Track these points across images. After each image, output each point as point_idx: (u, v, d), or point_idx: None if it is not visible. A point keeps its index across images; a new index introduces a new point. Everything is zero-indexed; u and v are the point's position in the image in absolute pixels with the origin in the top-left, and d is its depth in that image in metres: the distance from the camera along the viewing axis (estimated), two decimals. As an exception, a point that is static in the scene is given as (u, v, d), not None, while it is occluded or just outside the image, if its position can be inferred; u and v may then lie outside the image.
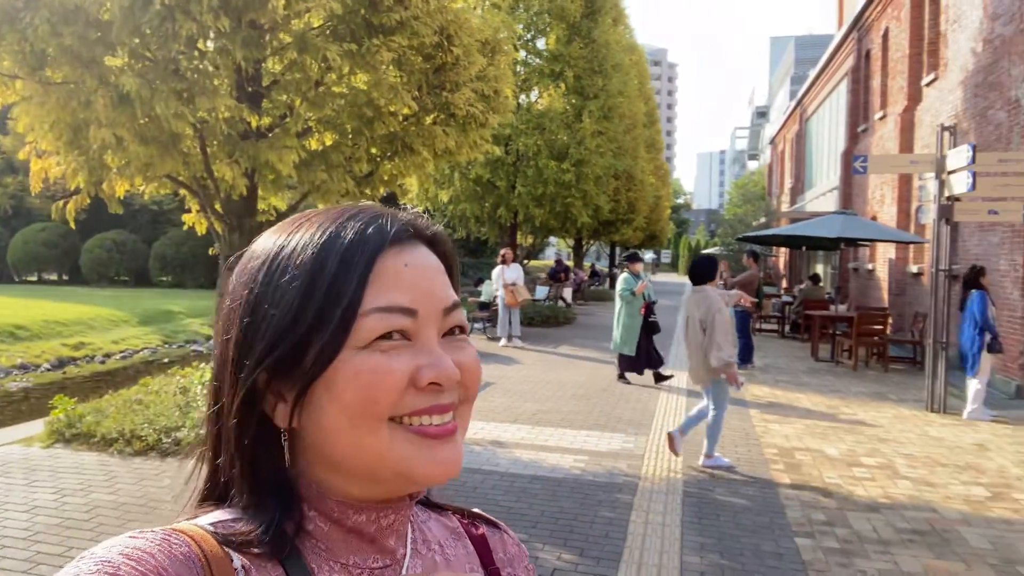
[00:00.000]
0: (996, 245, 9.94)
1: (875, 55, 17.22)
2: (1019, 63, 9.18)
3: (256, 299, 0.60)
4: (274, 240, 0.63)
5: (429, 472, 0.59)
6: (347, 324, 0.58)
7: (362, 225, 0.61)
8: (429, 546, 0.69)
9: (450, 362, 0.60)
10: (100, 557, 0.53)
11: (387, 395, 0.57)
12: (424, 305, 0.60)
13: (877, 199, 16.50)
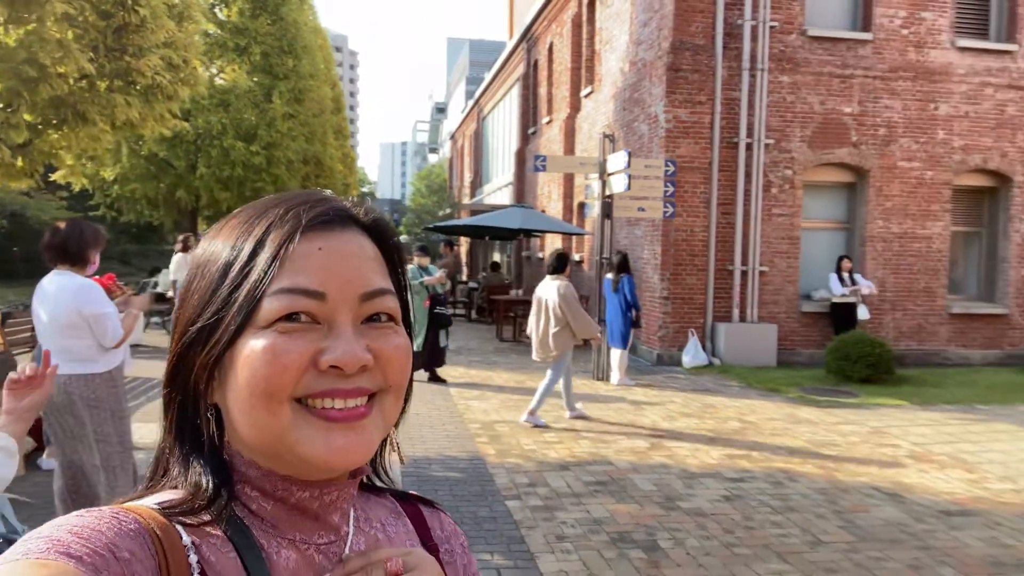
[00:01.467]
0: (640, 237, 11.81)
1: (542, 65, 19.15)
2: (658, 84, 10.99)
3: (189, 279, 0.65)
4: (216, 226, 0.67)
5: (324, 456, 0.59)
6: (250, 303, 0.59)
7: (282, 212, 0.62)
8: (371, 524, 0.71)
9: (355, 346, 0.59)
10: (48, 535, 0.51)
11: (279, 375, 0.58)
12: (335, 289, 0.60)
13: (546, 194, 18.43)
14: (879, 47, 11.08)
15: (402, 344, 0.64)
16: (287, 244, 0.60)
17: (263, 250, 0.60)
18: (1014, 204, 11.50)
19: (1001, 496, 5.26)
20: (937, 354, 11.41)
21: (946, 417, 7.79)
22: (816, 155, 11.03)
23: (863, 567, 4.00)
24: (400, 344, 0.63)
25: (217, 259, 0.63)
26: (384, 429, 0.63)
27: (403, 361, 0.63)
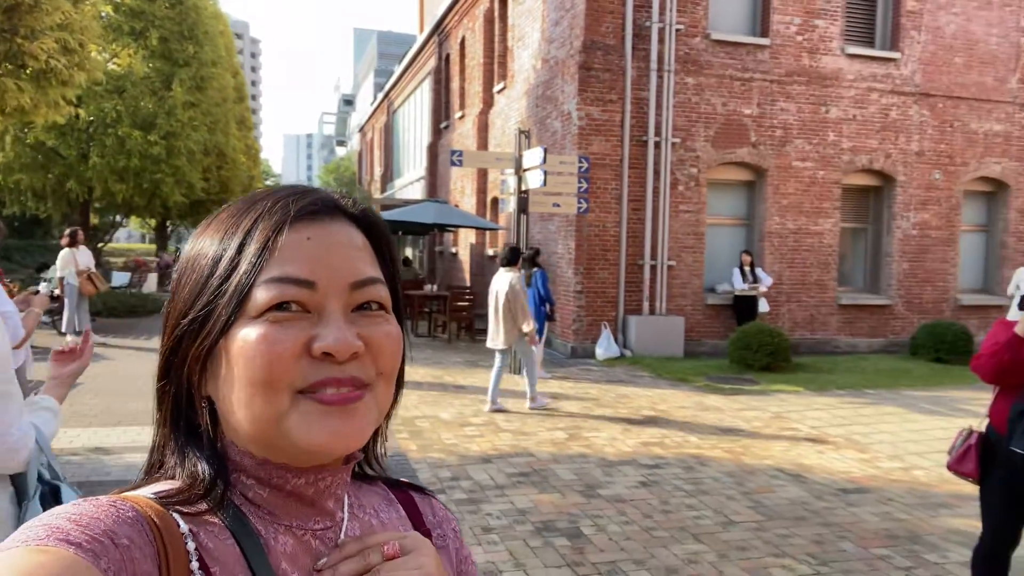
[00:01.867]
0: (554, 232, 12.00)
1: (454, 60, 19.11)
2: (571, 82, 11.19)
3: (180, 272, 0.65)
4: (208, 220, 0.67)
5: (320, 440, 0.59)
6: (240, 293, 0.60)
7: (270, 204, 0.63)
8: (365, 511, 0.72)
9: (346, 333, 0.60)
10: (46, 523, 0.52)
11: (274, 363, 0.58)
12: (325, 277, 0.61)
13: (459, 189, 18.42)
14: (776, 52, 11.66)
15: (393, 332, 0.64)
16: (276, 234, 0.61)
17: (252, 241, 0.61)
18: (896, 202, 12.37)
19: (891, 474, 5.69)
20: (828, 342, 12.16)
21: (839, 401, 8.34)
22: (719, 154, 11.52)
23: (771, 544, 4.25)
24: (391, 332, 0.64)
25: (206, 252, 0.63)
26: (378, 415, 0.64)
27: (394, 349, 0.64)
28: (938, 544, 4.30)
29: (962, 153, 12.58)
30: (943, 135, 12.46)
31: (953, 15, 12.35)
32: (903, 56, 12.18)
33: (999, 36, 12.58)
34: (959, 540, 4.36)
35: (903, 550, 4.21)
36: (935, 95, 12.36)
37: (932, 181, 12.49)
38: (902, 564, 4.01)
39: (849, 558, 4.08)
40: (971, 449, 3.16)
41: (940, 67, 12.36)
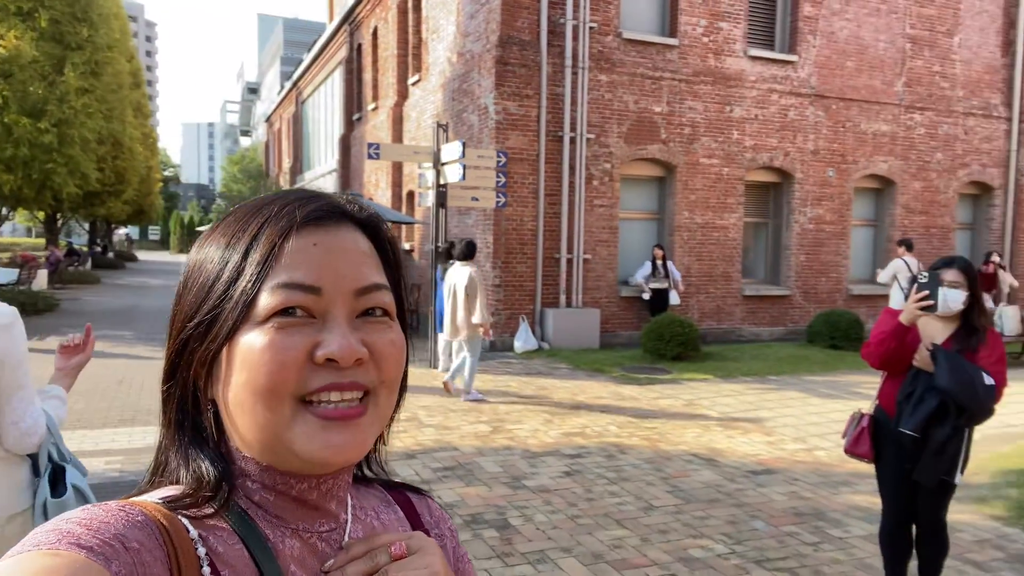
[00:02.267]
0: (472, 226, 12.03)
1: (366, 50, 18.79)
2: (487, 76, 11.22)
3: (186, 275, 0.66)
4: (215, 223, 0.68)
5: (321, 454, 0.60)
6: (246, 299, 0.60)
7: (277, 209, 0.63)
8: (366, 512, 0.74)
9: (350, 339, 0.60)
10: (56, 528, 0.52)
11: (279, 372, 0.59)
12: (331, 283, 0.61)
13: (373, 182, 18.16)
14: (684, 52, 12.07)
15: (396, 339, 0.65)
16: (282, 240, 0.61)
17: (258, 246, 0.61)
18: (795, 198, 13.06)
19: (796, 455, 6.04)
20: (733, 332, 12.73)
21: (745, 388, 8.76)
22: (631, 150, 11.83)
23: (690, 526, 4.45)
24: (394, 339, 0.64)
25: (213, 256, 0.64)
26: (379, 425, 0.64)
27: (397, 356, 0.65)
28: (841, 520, 4.61)
29: (853, 152, 13.39)
30: (836, 135, 13.23)
31: (846, 21, 13.12)
32: (800, 59, 12.85)
33: (886, 42, 13.45)
34: (860, 515, 4.69)
35: (809, 527, 4.49)
36: (829, 97, 13.10)
37: (826, 178, 13.24)
38: (809, 540, 4.29)
39: (761, 536, 4.32)
40: (864, 432, 3.36)
41: (834, 70, 13.11)
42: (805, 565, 3.94)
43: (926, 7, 13.66)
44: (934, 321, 3.19)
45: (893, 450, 3.27)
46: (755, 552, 4.09)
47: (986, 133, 14.48)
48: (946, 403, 3.05)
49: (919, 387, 3.13)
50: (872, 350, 3.27)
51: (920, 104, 13.79)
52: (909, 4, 13.51)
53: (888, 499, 3.40)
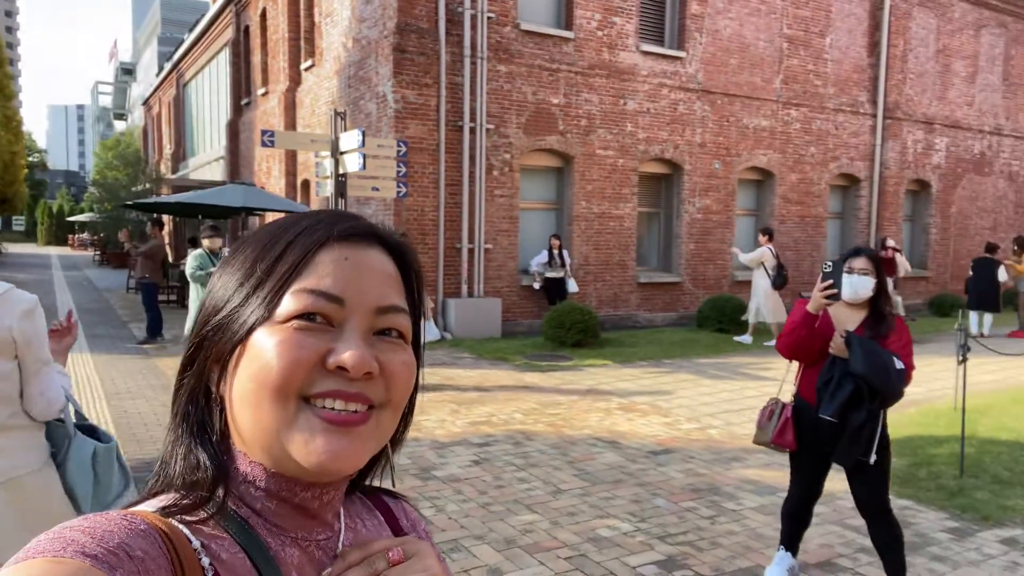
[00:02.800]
0: (371, 216, 11.84)
1: (255, 32, 18.04)
2: (385, 63, 11.05)
3: (219, 272, 0.68)
4: (246, 234, 0.72)
5: (316, 458, 0.60)
6: (271, 299, 0.62)
7: (314, 222, 0.67)
8: (354, 519, 0.75)
9: (364, 352, 0.61)
10: (61, 536, 0.53)
11: (290, 369, 0.60)
12: (354, 297, 0.63)
13: (265, 171, 17.52)
14: (579, 45, 12.32)
15: (409, 361, 0.66)
16: (316, 250, 0.64)
17: (291, 252, 0.64)
18: (685, 188, 13.63)
19: (691, 435, 6.36)
20: (629, 318, 13.19)
21: (642, 372, 9.11)
22: (530, 141, 11.99)
23: (597, 507, 4.61)
24: (407, 361, 0.66)
25: (248, 255, 0.66)
26: (379, 443, 0.65)
27: (407, 378, 0.66)
28: (734, 493, 4.91)
29: (736, 145, 14.11)
30: (721, 129, 13.90)
31: (729, 19, 13.77)
32: (688, 55, 13.39)
33: (766, 41, 14.23)
34: (751, 488, 5.00)
35: (706, 501, 4.75)
36: (714, 92, 13.73)
37: (713, 170, 13.90)
38: (706, 514, 4.54)
39: (663, 513, 4.54)
40: (788, 422, 3.43)
41: (718, 67, 13.75)
42: (703, 538, 4.18)
43: (801, 9, 14.53)
44: (845, 309, 3.31)
45: (812, 436, 3.36)
46: (658, 528, 4.29)
47: (854, 128, 15.60)
48: (861, 388, 3.16)
49: (836, 373, 3.24)
50: (784, 340, 3.36)
51: (796, 101, 14.68)
52: (786, 5, 14.33)
53: (799, 480, 3.51)
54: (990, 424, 6.58)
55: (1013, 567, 3.87)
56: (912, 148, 16.58)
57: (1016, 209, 18.91)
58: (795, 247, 15.06)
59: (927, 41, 16.62)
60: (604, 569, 3.76)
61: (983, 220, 18.26)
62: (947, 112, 17.17)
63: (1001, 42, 17.93)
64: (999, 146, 18.29)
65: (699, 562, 3.86)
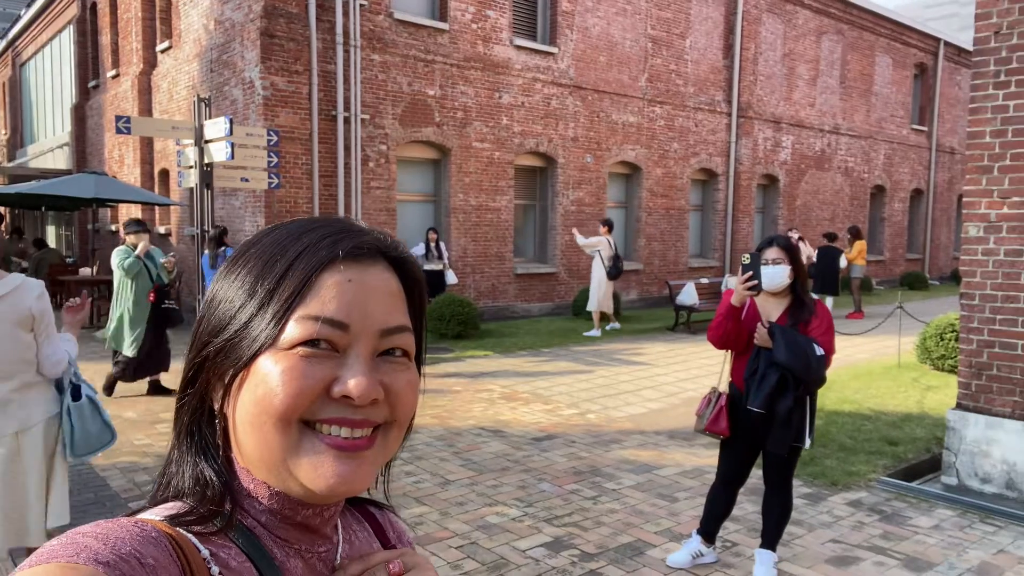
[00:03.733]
0: (239, 208, 11.34)
1: (103, 10, 16.71)
2: (252, 48, 10.58)
3: (218, 289, 0.66)
4: (247, 242, 0.68)
5: (324, 483, 0.61)
6: (275, 324, 0.61)
7: (318, 238, 0.65)
8: (347, 531, 0.76)
9: (368, 379, 0.61)
10: (73, 542, 0.53)
11: (295, 398, 0.60)
12: (358, 321, 0.62)
13: (117, 159, 16.30)
14: (454, 37, 12.33)
15: (413, 380, 0.66)
16: (318, 272, 0.62)
17: (294, 274, 0.62)
18: (559, 181, 13.98)
19: (571, 420, 6.58)
20: (507, 308, 13.40)
21: (523, 361, 9.31)
22: (407, 132, 11.88)
23: (485, 495, 4.69)
24: (412, 380, 0.66)
25: (247, 278, 0.64)
26: (383, 459, 0.66)
27: (412, 398, 0.66)
28: (614, 474, 5.15)
29: (607, 140, 14.64)
30: (592, 124, 14.36)
31: (598, 18, 14.22)
32: (560, 51, 13.72)
33: (632, 40, 14.82)
34: (629, 468, 5.26)
35: (588, 483, 4.95)
36: (585, 88, 14.16)
37: (585, 164, 14.35)
38: (589, 495, 4.74)
39: (548, 497, 4.69)
40: (722, 411, 3.53)
41: (589, 64, 14.18)
42: (588, 518, 4.36)
43: (663, 10, 15.25)
44: (769, 298, 3.43)
45: (745, 424, 3.48)
46: (545, 512, 4.43)
47: (712, 126, 16.58)
48: (786, 376, 3.29)
49: (761, 364, 3.35)
50: (713, 332, 3.45)
51: (660, 98, 15.41)
52: (650, 7, 14.98)
53: (727, 466, 3.64)
54: (834, 398, 7.25)
55: (859, 526, 4.32)
56: (762, 145, 17.83)
57: (851, 201, 20.80)
58: (661, 238, 15.84)
59: (775, 45, 17.91)
60: (495, 555, 3.85)
61: (824, 211, 19.95)
62: (792, 112, 18.60)
63: (839, 48, 19.63)
64: (837, 144, 20.04)
65: (585, 541, 4.03)
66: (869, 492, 4.86)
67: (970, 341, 4.86)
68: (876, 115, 21.10)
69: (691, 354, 10.02)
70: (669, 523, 4.30)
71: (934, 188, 23.58)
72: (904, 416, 6.68)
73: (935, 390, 7.74)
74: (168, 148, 13.70)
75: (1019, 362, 4.63)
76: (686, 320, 12.34)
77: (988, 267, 4.74)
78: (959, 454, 4.90)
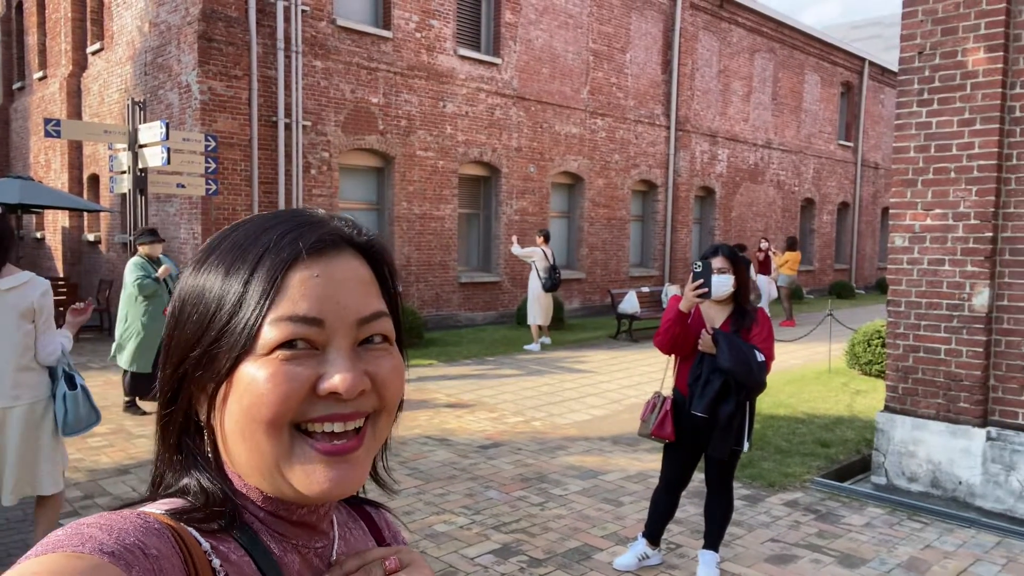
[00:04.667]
0: (174, 215, 11.02)
1: (30, 10, 16.06)
2: (189, 51, 10.32)
3: (183, 302, 0.65)
4: (208, 245, 0.66)
5: (318, 488, 0.61)
6: (249, 332, 0.60)
7: (279, 236, 0.63)
8: (343, 528, 0.76)
9: (353, 372, 0.61)
10: (78, 532, 0.53)
11: (282, 403, 0.59)
12: (333, 315, 0.61)
13: (43, 164, 15.63)
14: (398, 46, 12.29)
15: (397, 365, 0.66)
16: (284, 272, 0.61)
17: (259, 277, 0.61)
18: (502, 191, 14.06)
19: (516, 428, 6.61)
20: (452, 317, 13.37)
21: (468, 370, 9.30)
22: (350, 140, 11.77)
23: (432, 504, 4.67)
24: (396, 366, 0.66)
25: (212, 285, 0.63)
26: (375, 448, 0.66)
27: (398, 382, 0.66)
28: (560, 480, 5.19)
29: (550, 151, 14.80)
30: (536, 134, 14.50)
31: (541, 31, 14.40)
32: (503, 62, 13.83)
33: (574, 53, 15.05)
34: (574, 474, 5.32)
35: (535, 489, 4.99)
36: (529, 99, 14.30)
37: (528, 174, 14.47)
38: (536, 501, 4.77)
39: (496, 504, 4.70)
40: (667, 415, 3.58)
41: (532, 75, 14.33)
42: (535, 524, 4.39)
43: (604, 25, 15.54)
44: (713, 306, 3.53)
45: (688, 428, 3.55)
46: (492, 519, 4.44)
47: (651, 138, 16.95)
48: (729, 382, 3.38)
49: (704, 370, 3.43)
50: (661, 338, 3.50)
51: (601, 111, 15.68)
52: (591, 21, 15.25)
53: (670, 470, 3.70)
54: (770, 402, 7.49)
55: (796, 526, 4.47)
56: (699, 158, 18.32)
57: (783, 213, 21.54)
58: (603, 247, 16.08)
59: (711, 62, 18.45)
60: (443, 563, 3.84)
61: (757, 223, 20.60)
62: (728, 127, 19.17)
63: (771, 66, 20.35)
64: (769, 158, 20.73)
65: (533, 547, 4.06)
66: (804, 492, 5.03)
67: (896, 346, 5.10)
68: (806, 131, 21.93)
69: (633, 361, 10.18)
70: (615, 527, 4.37)
71: (860, 201, 24.63)
72: (836, 419, 6.95)
73: (864, 394, 8.07)
74: (98, 153, 13.21)
75: (942, 366, 4.88)
76: (628, 328, 12.54)
77: (913, 275, 4.99)
78: (887, 455, 5.12)
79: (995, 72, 4.60)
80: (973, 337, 4.73)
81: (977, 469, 4.72)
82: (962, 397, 4.79)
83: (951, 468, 4.83)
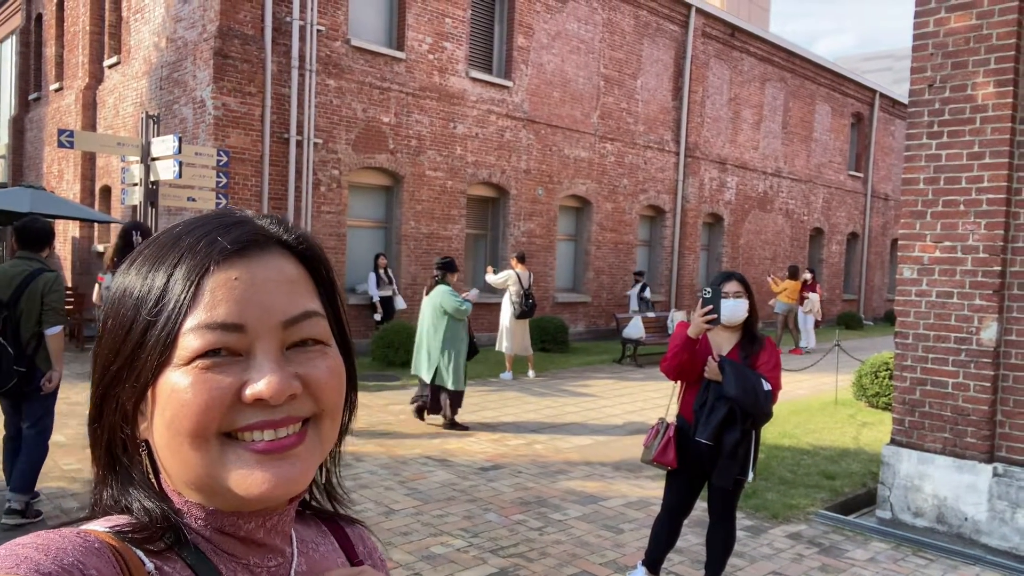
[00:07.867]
0: (184, 228, 11.07)
1: (49, 22, 16.31)
2: (204, 67, 10.44)
3: (107, 313, 0.62)
4: (134, 253, 0.64)
5: (259, 490, 0.58)
6: (167, 342, 0.58)
7: (195, 240, 0.60)
8: (306, 544, 0.72)
9: (279, 377, 0.58)
10: (15, 553, 0.51)
11: (203, 413, 0.57)
12: (254, 318, 0.58)
13: (55, 174, 15.79)
14: (411, 67, 12.41)
15: (333, 366, 0.62)
16: (200, 277, 0.58)
17: (175, 284, 0.58)
18: (511, 212, 14.09)
19: (518, 450, 6.56)
20: (456, 338, 13.32)
21: (470, 390, 9.23)
22: (360, 158, 11.84)
23: (430, 525, 4.62)
24: (331, 366, 0.62)
25: (130, 295, 0.60)
26: (321, 453, 0.62)
27: (335, 384, 0.62)
28: (560, 504, 5.14)
29: (558, 173, 14.85)
30: (545, 157, 14.57)
31: (552, 55, 14.52)
32: (514, 85, 13.93)
33: (585, 78, 15.15)
34: (575, 499, 5.26)
35: (534, 513, 4.93)
36: (539, 122, 14.38)
37: (536, 196, 14.51)
38: (535, 525, 4.71)
39: (495, 527, 4.65)
40: (670, 441, 3.54)
41: (543, 99, 14.43)
42: (533, 548, 4.33)
43: (616, 51, 15.66)
44: (721, 331, 3.50)
45: (692, 456, 3.50)
46: (490, 543, 4.39)
47: (660, 164, 17.00)
48: (734, 410, 3.35)
49: (710, 397, 3.40)
50: (668, 363, 3.46)
51: (611, 135, 15.75)
52: (603, 47, 15.37)
53: (673, 497, 3.65)
54: (775, 432, 7.41)
55: (799, 558, 4.40)
56: (708, 185, 18.34)
57: (792, 242, 21.50)
58: (609, 271, 16.07)
59: (721, 90, 18.54)
60: (439, 586, 3.79)
61: (765, 251, 20.57)
62: (737, 154, 19.22)
63: (781, 95, 20.44)
64: (779, 187, 20.75)
65: (530, 572, 4.00)
66: (808, 525, 4.96)
67: (904, 379, 5.05)
68: (815, 160, 21.96)
69: (637, 386, 10.12)
70: (614, 554, 4.31)
71: (869, 232, 24.58)
72: (841, 451, 6.87)
73: (870, 426, 7.98)
74: (111, 165, 13.33)
75: (950, 400, 4.82)
76: (632, 353, 12.48)
77: (921, 308, 4.96)
78: (893, 489, 5.05)
79: (1005, 107, 4.59)
80: (981, 371, 4.68)
81: (983, 505, 4.65)
82: (969, 432, 4.73)
83: (957, 504, 4.76)
